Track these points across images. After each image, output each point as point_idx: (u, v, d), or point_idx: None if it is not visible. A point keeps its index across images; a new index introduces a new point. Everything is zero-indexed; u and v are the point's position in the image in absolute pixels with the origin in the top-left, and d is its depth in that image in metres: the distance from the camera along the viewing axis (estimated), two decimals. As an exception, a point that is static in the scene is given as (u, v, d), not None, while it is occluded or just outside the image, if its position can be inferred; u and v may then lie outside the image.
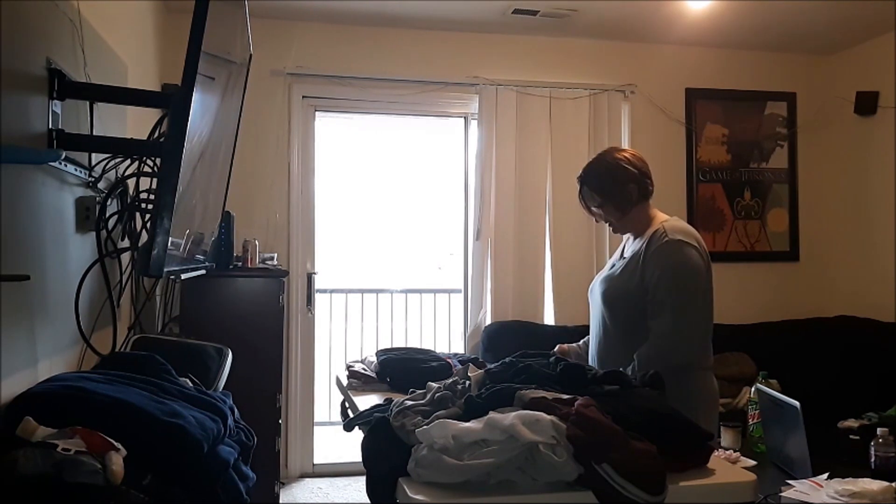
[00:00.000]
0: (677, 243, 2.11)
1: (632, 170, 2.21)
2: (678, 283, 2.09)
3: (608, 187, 2.22)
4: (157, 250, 1.62)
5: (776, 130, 4.72)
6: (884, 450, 2.47)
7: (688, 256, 2.11)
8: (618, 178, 2.21)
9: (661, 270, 2.09)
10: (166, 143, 1.71)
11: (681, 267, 2.10)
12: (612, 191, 2.21)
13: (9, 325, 1.64)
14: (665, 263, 2.10)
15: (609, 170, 2.23)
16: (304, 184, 4.21)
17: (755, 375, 3.75)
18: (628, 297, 2.16)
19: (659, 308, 2.08)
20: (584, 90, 4.37)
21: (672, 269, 2.10)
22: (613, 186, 2.21)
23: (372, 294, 5.88)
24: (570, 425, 1.29)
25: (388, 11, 4.03)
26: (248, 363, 3.03)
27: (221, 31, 2.08)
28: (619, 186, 2.21)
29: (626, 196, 2.21)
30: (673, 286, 2.08)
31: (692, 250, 2.12)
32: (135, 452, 1.39)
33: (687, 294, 2.10)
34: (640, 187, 2.22)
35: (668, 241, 2.12)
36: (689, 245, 2.12)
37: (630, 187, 2.21)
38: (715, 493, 1.35)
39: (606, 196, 2.23)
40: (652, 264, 2.11)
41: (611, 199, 2.22)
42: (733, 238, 4.63)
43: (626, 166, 2.21)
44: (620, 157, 2.23)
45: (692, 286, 2.11)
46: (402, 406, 1.49)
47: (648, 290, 2.11)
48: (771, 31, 4.29)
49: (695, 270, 2.12)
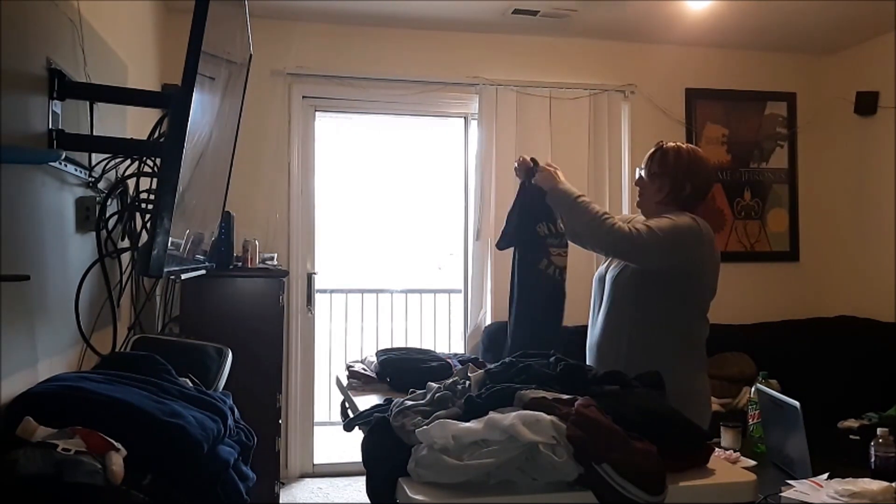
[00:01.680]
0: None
1: (703, 173, 2.24)
2: (670, 221, 2.11)
3: (680, 167, 2.21)
4: (157, 250, 1.62)
5: (776, 130, 4.73)
6: (884, 450, 2.47)
7: (684, 219, 2.13)
8: (691, 167, 2.22)
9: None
10: (166, 143, 1.71)
11: (677, 220, 2.12)
12: (677, 174, 2.20)
13: (9, 325, 1.64)
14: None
15: (692, 155, 2.24)
16: (304, 184, 4.22)
17: (755, 375, 3.75)
18: (641, 280, 2.17)
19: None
20: (584, 90, 4.38)
21: (668, 218, 2.12)
22: (680, 171, 2.21)
23: (372, 294, 5.87)
24: (570, 425, 1.29)
25: (388, 11, 4.03)
26: (249, 363, 3.03)
27: (221, 31, 2.08)
28: (684, 173, 2.20)
29: (680, 186, 2.20)
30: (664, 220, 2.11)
31: (691, 220, 2.14)
32: (135, 452, 1.39)
33: (676, 231, 2.08)
34: (695, 191, 2.22)
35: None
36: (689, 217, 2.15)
37: (687, 185, 2.21)
38: (715, 493, 1.35)
39: (668, 174, 2.21)
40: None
41: (666, 179, 2.21)
42: (733, 238, 4.63)
43: (705, 167, 2.25)
44: (703, 155, 2.26)
45: (684, 232, 2.10)
46: (402, 406, 1.49)
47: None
48: (771, 31, 4.30)
49: (689, 228, 2.11)
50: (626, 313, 2.19)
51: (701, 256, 2.14)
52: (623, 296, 2.20)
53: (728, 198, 4.64)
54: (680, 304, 2.16)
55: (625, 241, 2.05)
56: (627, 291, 2.19)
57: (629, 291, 2.18)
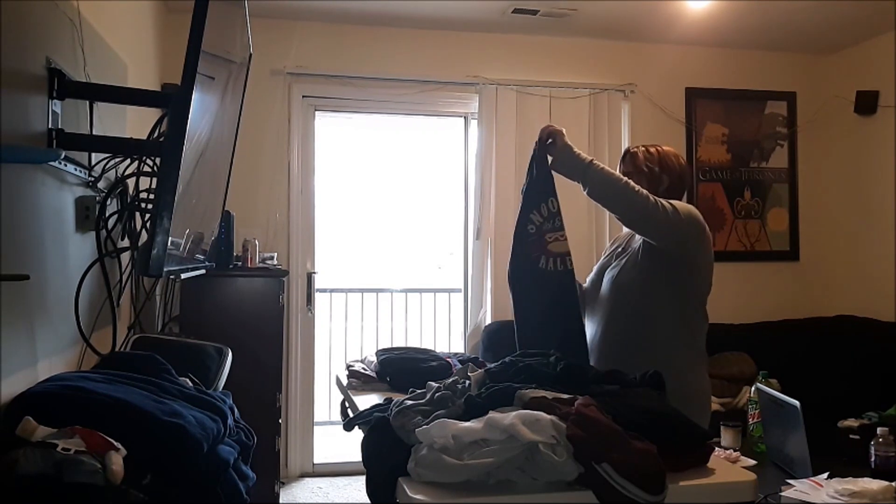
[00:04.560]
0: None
1: (676, 166, 2.31)
2: (684, 204, 2.15)
3: (651, 161, 2.29)
4: (157, 250, 1.62)
5: (776, 130, 4.73)
6: (884, 449, 2.47)
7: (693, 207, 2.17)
8: (662, 160, 2.29)
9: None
10: (166, 143, 1.71)
11: (689, 206, 2.17)
12: (651, 168, 2.28)
13: (9, 324, 1.64)
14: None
15: (661, 150, 2.32)
16: (303, 183, 4.22)
17: (755, 375, 3.75)
18: (643, 276, 2.17)
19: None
20: (584, 90, 4.38)
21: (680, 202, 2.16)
22: (654, 166, 2.28)
23: (372, 293, 5.87)
24: (570, 425, 1.29)
25: (388, 11, 4.03)
26: (248, 363, 3.03)
27: (221, 31, 2.08)
28: (658, 167, 2.28)
29: (654, 178, 2.26)
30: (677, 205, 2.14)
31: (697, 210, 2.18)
32: (135, 452, 1.39)
33: (691, 214, 2.12)
34: (672, 185, 2.28)
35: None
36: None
37: (664, 177, 2.27)
38: (715, 492, 1.35)
39: (636, 169, 2.28)
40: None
41: (638, 173, 2.26)
42: (733, 238, 4.63)
43: (677, 160, 2.32)
44: (673, 151, 2.34)
45: (696, 218, 2.14)
46: (402, 406, 1.49)
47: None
48: (771, 30, 4.29)
49: (699, 217, 2.15)
50: (628, 312, 2.19)
51: (707, 248, 2.18)
52: (624, 294, 2.20)
53: (728, 197, 4.64)
54: (682, 300, 2.17)
55: (661, 215, 2.06)
56: (629, 289, 2.19)
57: (631, 289, 2.18)
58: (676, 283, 2.15)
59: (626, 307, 2.19)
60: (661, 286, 2.15)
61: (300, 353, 4.19)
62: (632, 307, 2.18)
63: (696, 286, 2.19)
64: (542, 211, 2.18)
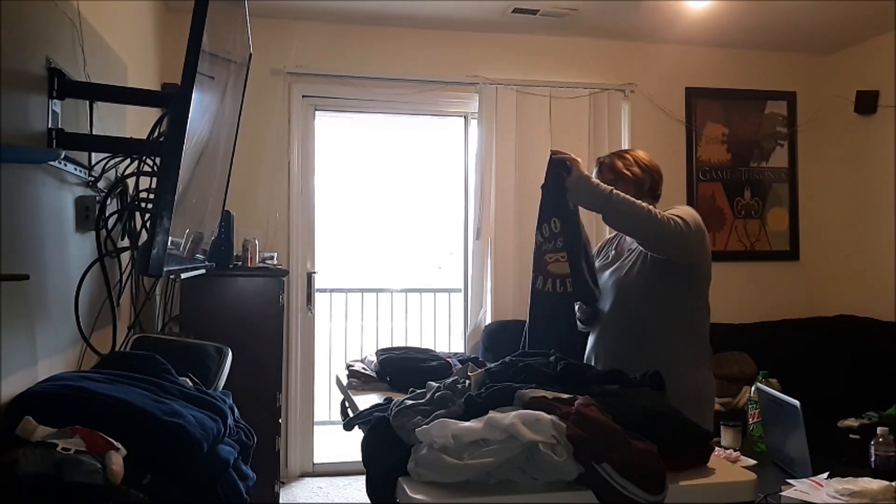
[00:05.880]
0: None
1: (652, 165, 2.36)
2: (687, 211, 2.19)
3: (628, 164, 2.34)
4: (157, 250, 1.62)
5: (776, 130, 4.72)
6: (884, 449, 2.47)
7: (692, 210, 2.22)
8: (638, 161, 2.35)
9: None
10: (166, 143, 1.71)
11: (691, 210, 2.21)
12: (633, 171, 2.32)
13: (8, 324, 1.64)
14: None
15: (633, 152, 2.39)
16: (303, 183, 4.22)
17: (755, 375, 3.75)
18: (647, 278, 2.20)
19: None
20: (583, 89, 4.38)
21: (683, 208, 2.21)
22: (634, 169, 2.33)
23: (372, 293, 5.87)
24: (570, 425, 1.29)
25: (388, 11, 4.03)
26: (248, 362, 3.03)
27: (221, 31, 2.08)
28: (639, 168, 2.33)
29: (638, 181, 2.31)
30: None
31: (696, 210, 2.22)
32: (135, 452, 1.39)
33: (696, 222, 2.15)
34: (654, 184, 2.34)
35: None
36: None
37: (646, 178, 2.32)
38: (715, 492, 1.35)
39: (619, 176, 2.31)
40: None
41: (622, 179, 2.29)
42: (733, 237, 4.63)
43: (650, 159, 2.38)
44: (641, 152, 2.40)
45: (699, 222, 2.18)
46: (402, 406, 1.49)
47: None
48: (771, 30, 4.29)
49: (698, 220, 2.18)
50: (633, 313, 2.21)
51: (707, 245, 2.23)
52: (628, 296, 2.22)
53: (728, 197, 4.64)
54: (686, 298, 2.21)
55: (677, 232, 2.08)
56: (633, 291, 2.21)
57: (635, 290, 2.21)
58: (680, 282, 2.18)
59: (632, 308, 2.21)
60: (665, 287, 2.18)
61: (300, 352, 4.18)
62: (638, 309, 2.20)
63: (699, 283, 2.24)
64: (543, 231, 2.20)
